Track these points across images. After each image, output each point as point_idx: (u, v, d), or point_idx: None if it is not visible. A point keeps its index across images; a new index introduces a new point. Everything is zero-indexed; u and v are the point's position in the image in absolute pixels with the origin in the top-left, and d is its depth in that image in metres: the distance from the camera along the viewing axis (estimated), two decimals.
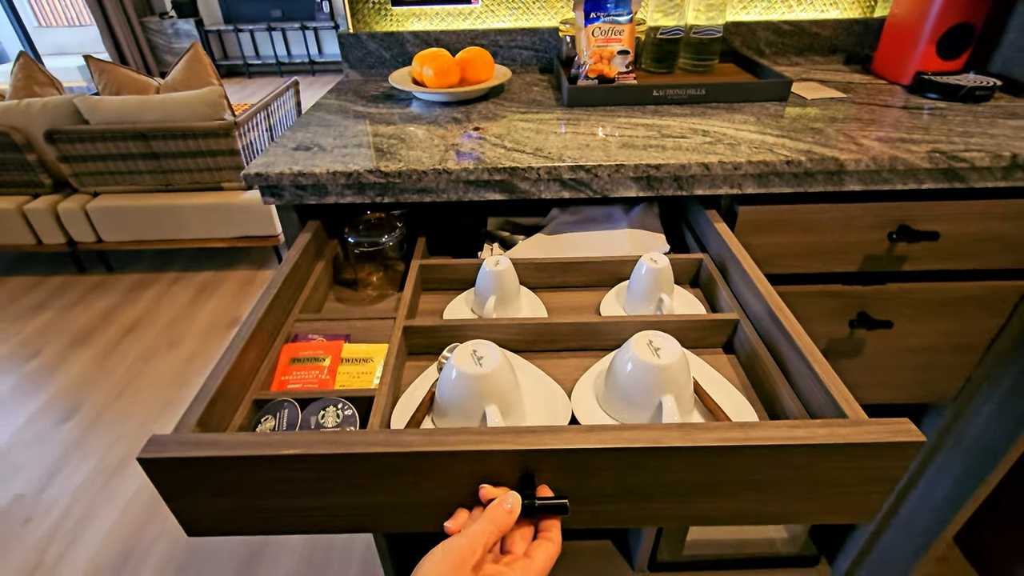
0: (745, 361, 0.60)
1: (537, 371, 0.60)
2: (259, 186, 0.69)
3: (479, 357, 0.52)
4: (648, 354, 0.51)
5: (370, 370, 0.58)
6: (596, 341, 0.62)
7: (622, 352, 0.54)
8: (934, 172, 0.69)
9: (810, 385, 0.50)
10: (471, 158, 0.69)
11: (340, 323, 0.65)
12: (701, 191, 0.70)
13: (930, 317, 0.82)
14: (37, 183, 2.48)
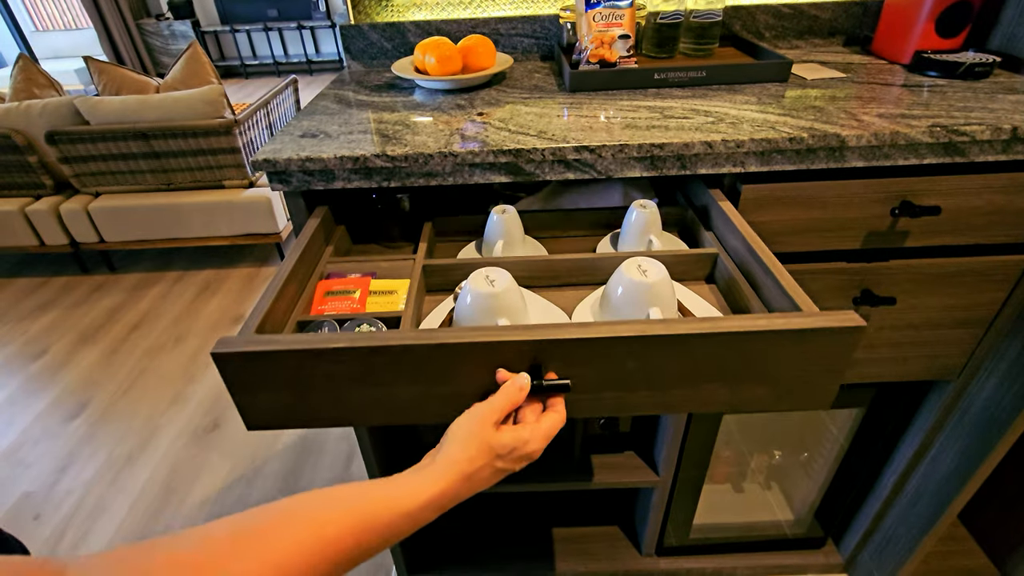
0: (724, 288, 0.69)
1: (541, 299, 0.69)
2: (267, 172, 0.70)
3: (491, 280, 0.60)
4: (637, 275, 0.60)
5: (395, 300, 0.68)
6: (593, 276, 0.71)
7: (615, 276, 0.62)
8: (935, 146, 0.69)
9: (775, 294, 0.58)
10: (476, 142, 0.70)
11: (366, 264, 0.74)
12: (704, 170, 0.71)
13: (933, 293, 0.83)
14: (39, 184, 2.49)
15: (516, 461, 0.47)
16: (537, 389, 0.49)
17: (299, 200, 0.74)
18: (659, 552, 1.33)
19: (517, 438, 0.47)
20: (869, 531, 1.24)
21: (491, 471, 0.46)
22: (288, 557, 0.36)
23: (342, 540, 0.38)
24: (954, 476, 1.02)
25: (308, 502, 0.40)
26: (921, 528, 1.11)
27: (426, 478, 0.45)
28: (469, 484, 0.46)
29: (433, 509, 0.44)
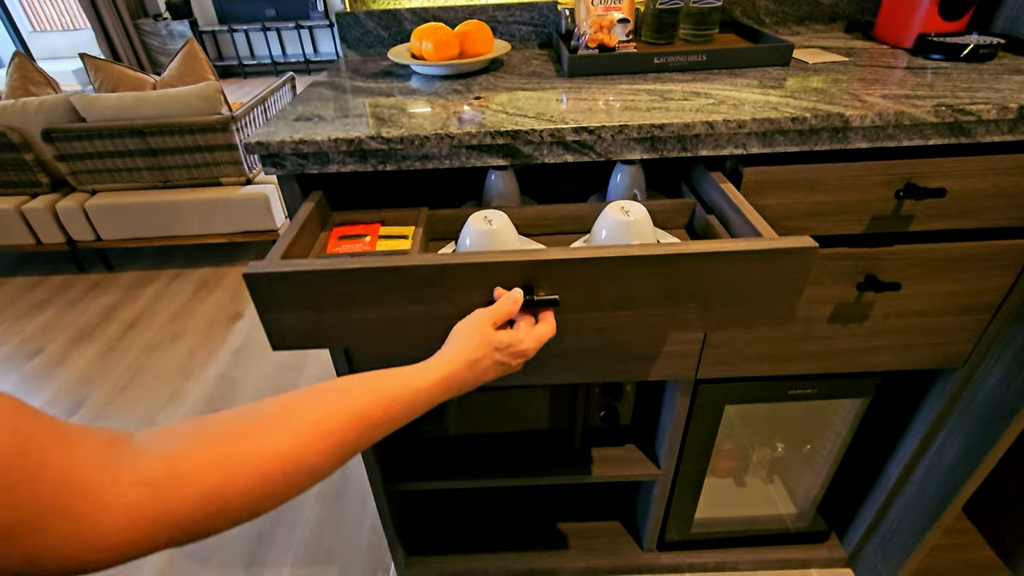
0: (701, 232, 0.75)
1: (535, 243, 0.77)
2: (260, 156, 0.69)
3: (489, 219, 0.68)
4: (620, 215, 0.68)
5: (404, 242, 0.72)
6: (583, 224, 0.79)
7: (600, 218, 0.71)
8: (940, 127, 0.68)
9: (741, 225, 0.65)
10: (473, 123, 0.69)
11: (373, 213, 0.78)
12: (706, 151, 0.70)
13: (938, 278, 0.82)
14: (35, 183, 2.48)
15: (513, 356, 0.54)
16: (529, 304, 0.56)
17: (294, 185, 0.72)
18: (660, 547, 1.32)
19: (513, 336, 0.54)
20: (873, 524, 1.22)
21: (491, 362, 0.53)
22: (327, 417, 0.42)
23: (370, 409, 0.45)
24: (959, 467, 1.00)
25: (340, 382, 0.46)
26: (926, 521, 1.09)
27: (437, 363, 0.52)
28: (473, 372, 0.52)
29: (444, 388, 0.51)
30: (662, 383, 1.09)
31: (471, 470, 1.15)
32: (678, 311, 0.59)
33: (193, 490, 0.33)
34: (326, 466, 0.41)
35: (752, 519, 1.32)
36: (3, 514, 0.25)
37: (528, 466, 1.16)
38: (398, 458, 1.18)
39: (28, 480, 0.26)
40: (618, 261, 0.54)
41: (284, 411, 0.41)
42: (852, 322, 0.87)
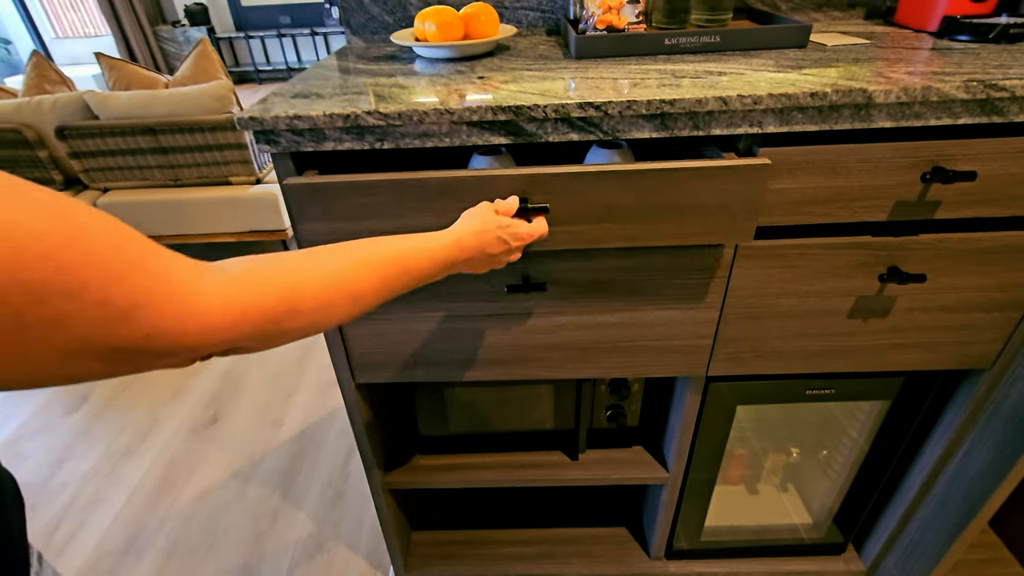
0: None
1: None
2: (253, 132, 0.66)
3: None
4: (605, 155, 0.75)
5: None
6: None
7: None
8: (970, 104, 0.64)
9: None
10: (475, 100, 0.66)
11: None
12: (719, 130, 0.66)
13: (966, 271, 0.77)
14: (49, 180, 2.49)
15: (513, 237, 0.62)
16: (524, 210, 0.65)
17: (288, 163, 0.70)
18: (669, 555, 1.27)
19: (511, 220, 0.63)
20: (893, 536, 1.16)
21: (494, 236, 0.60)
22: (366, 256, 0.50)
23: (399, 255, 0.52)
24: (986, 477, 0.94)
25: (361, 241, 0.52)
26: (950, 534, 1.03)
27: (448, 229, 0.59)
28: (479, 240, 0.59)
29: (456, 249, 0.58)
30: (671, 382, 1.04)
31: (472, 468, 1.12)
32: (653, 226, 0.68)
33: (271, 288, 0.40)
34: (368, 295, 0.49)
35: (765, 528, 1.27)
36: (121, 296, 0.30)
37: (531, 466, 1.12)
38: (396, 454, 1.15)
39: (136, 269, 0.31)
40: (597, 175, 0.64)
41: (334, 249, 0.49)
42: (873, 317, 0.82)
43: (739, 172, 0.63)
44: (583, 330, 0.84)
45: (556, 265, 0.77)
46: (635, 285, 0.79)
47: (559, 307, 0.82)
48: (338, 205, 0.67)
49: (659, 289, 0.80)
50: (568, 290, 0.80)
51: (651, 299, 0.81)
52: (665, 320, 0.83)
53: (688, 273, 0.78)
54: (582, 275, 0.78)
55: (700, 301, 0.81)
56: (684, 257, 0.77)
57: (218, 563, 1.36)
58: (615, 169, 0.63)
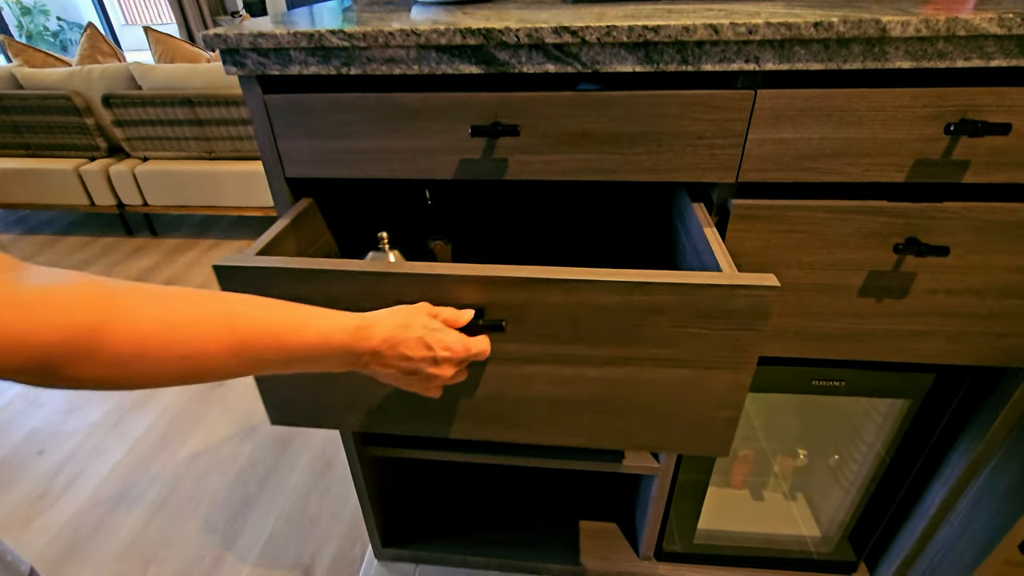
0: None
1: None
2: (220, 51, 0.64)
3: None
4: None
5: None
6: None
7: None
8: (1006, 42, 0.55)
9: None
10: (446, 22, 0.62)
11: None
12: (710, 65, 0.60)
13: (999, 248, 0.68)
14: (94, 147, 2.61)
15: (440, 344, 0.51)
16: (475, 329, 0.55)
17: (255, 88, 0.67)
18: (658, 556, 1.19)
19: (444, 327, 0.53)
20: (910, 558, 1.05)
21: (416, 337, 0.50)
22: (224, 312, 0.41)
23: (260, 329, 0.42)
24: (1017, 494, 0.83)
25: (244, 297, 0.43)
26: (974, 557, 0.92)
27: (359, 314, 0.49)
28: (395, 337, 0.49)
29: (358, 337, 0.47)
30: None
31: (453, 444, 1.07)
32: (629, 155, 0.65)
33: (66, 320, 0.33)
34: (211, 359, 0.39)
35: (767, 537, 1.17)
36: None
37: (515, 447, 1.07)
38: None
39: None
40: (571, 100, 0.59)
41: (199, 296, 0.40)
42: (888, 298, 0.74)
43: (716, 99, 0.59)
44: (561, 385, 0.61)
45: (521, 294, 0.54)
46: (630, 330, 0.56)
47: (526, 352, 0.58)
48: (317, 122, 0.67)
49: (667, 337, 0.56)
50: (537, 330, 0.57)
51: (653, 350, 0.57)
52: (673, 379, 0.58)
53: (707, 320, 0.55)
54: (556, 311, 0.55)
55: (727, 356, 0.57)
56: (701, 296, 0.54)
57: (201, 522, 1.36)
58: (589, 95, 0.60)
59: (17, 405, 1.75)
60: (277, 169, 0.72)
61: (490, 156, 0.67)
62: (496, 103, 0.64)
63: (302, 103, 0.67)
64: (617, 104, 0.62)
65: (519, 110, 0.64)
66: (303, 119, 0.68)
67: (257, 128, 0.69)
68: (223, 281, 0.57)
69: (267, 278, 0.56)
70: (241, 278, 0.56)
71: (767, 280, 0.52)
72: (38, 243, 2.79)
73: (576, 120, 0.64)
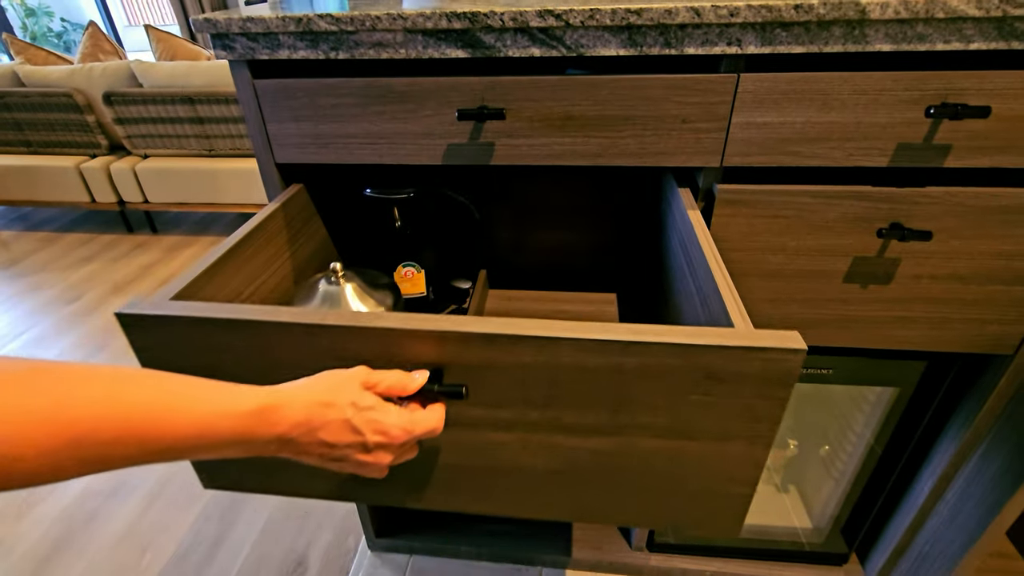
0: None
1: None
2: (209, 36, 0.65)
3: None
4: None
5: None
6: None
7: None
8: (984, 25, 0.56)
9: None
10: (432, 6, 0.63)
11: None
12: (693, 48, 0.61)
13: (982, 233, 0.68)
14: (95, 144, 2.62)
15: (370, 426, 0.41)
16: (429, 394, 0.46)
17: (244, 72, 0.68)
18: (651, 547, 1.19)
19: (381, 404, 0.42)
20: (900, 547, 1.05)
21: (341, 420, 0.40)
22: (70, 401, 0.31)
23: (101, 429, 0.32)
24: (1004, 481, 0.84)
25: (128, 371, 0.35)
26: (962, 545, 0.92)
27: (266, 389, 0.39)
28: (312, 418, 0.39)
29: (257, 420, 0.37)
30: None
31: None
32: (614, 138, 0.65)
33: None
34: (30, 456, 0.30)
35: (759, 529, 1.17)
36: None
37: None
38: None
39: None
40: (556, 83, 0.59)
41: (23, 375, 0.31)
42: (874, 283, 0.74)
43: (699, 82, 0.59)
44: (537, 455, 0.51)
45: (487, 353, 0.45)
46: (621, 396, 0.46)
47: (494, 419, 0.49)
48: (306, 107, 0.68)
49: (666, 405, 0.47)
50: (507, 394, 0.47)
51: (649, 418, 0.48)
52: (674, 451, 0.49)
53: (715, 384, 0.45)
54: (530, 372, 0.45)
55: (741, 427, 0.47)
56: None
57: (196, 513, 1.36)
58: (573, 78, 0.62)
59: None
60: (266, 153, 0.73)
61: (477, 140, 0.68)
62: (483, 87, 0.64)
63: (290, 87, 0.68)
64: (601, 87, 0.63)
65: (505, 94, 0.65)
66: (291, 103, 0.69)
67: (246, 112, 0.70)
68: (128, 332, 0.48)
69: (179, 330, 0.47)
70: (149, 329, 0.47)
71: (791, 341, 0.42)
72: (39, 240, 2.80)
73: (561, 104, 0.65)
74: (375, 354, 0.45)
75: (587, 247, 1.11)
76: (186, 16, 6.06)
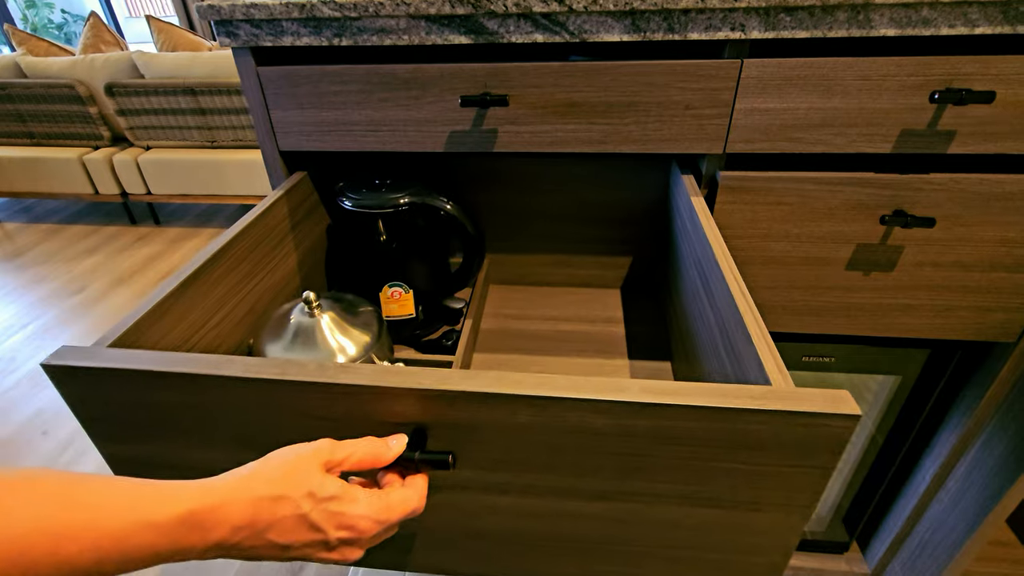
0: None
1: None
2: (213, 23, 0.65)
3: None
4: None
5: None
6: None
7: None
8: (990, 9, 0.56)
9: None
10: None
11: None
12: (696, 34, 0.60)
13: (986, 220, 0.68)
14: (97, 136, 2.63)
15: (332, 521, 0.34)
16: (410, 462, 0.38)
17: (248, 59, 0.68)
18: None
19: (346, 491, 0.35)
20: (902, 536, 1.06)
21: (293, 515, 0.33)
22: None
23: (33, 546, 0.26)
24: (1005, 468, 0.84)
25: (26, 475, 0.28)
26: (962, 533, 0.93)
27: (198, 487, 0.31)
28: (259, 517, 0.32)
29: (185, 530, 0.30)
30: None
31: None
32: (617, 125, 0.66)
33: None
34: None
35: None
36: None
37: None
38: None
39: None
40: (559, 69, 0.60)
41: None
42: (876, 271, 0.74)
43: (702, 68, 0.59)
44: (535, 520, 0.46)
45: (475, 412, 0.38)
46: (633, 462, 0.40)
47: (486, 481, 0.43)
48: (309, 94, 0.68)
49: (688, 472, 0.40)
50: (501, 457, 0.41)
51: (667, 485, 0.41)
52: (694, 521, 0.43)
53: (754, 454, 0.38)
54: (527, 435, 0.39)
55: (776, 496, 0.40)
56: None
57: None
58: (576, 65, 0.61)
59: (23, 387, 1.77)
60: (270, 141, 0.73)
61: (479, 127, 0.68)
62: (486, 74, 0.64)
63: (294, 74, 0.68)
64: (604, 74, 0.63)
65: (508, 80, 0.65)
66: (295, 90, 0.69)
67: (250, 100, 0.70)
68: (58, 387, 0.43)
69: (113, 383, 0.41)
70: (81, 382, 0.42)
71: (842, 404, 0.34)
72: (43, 231, 2.81)
73: (564, 90, 0.65)
74: (344, 413, 0.39)
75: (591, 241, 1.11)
76: (186, 7, 6.04)
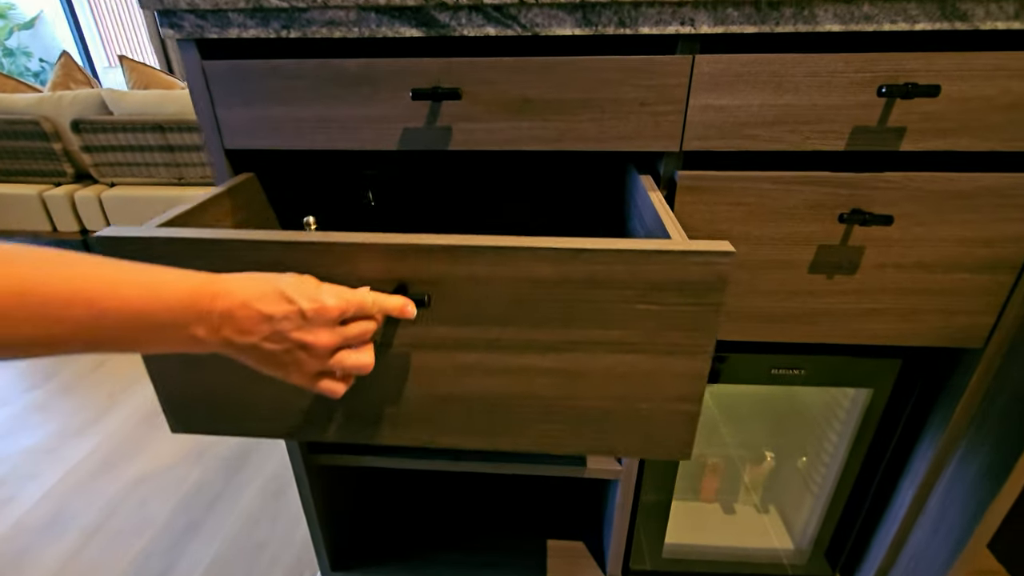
0: None
1: None
2: (156, 13, 0.63)
3: None
4: None
5: None
6: None
7: None
8: (928, 5, 0.57)
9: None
10: None
11: None
12: (647, 28, 0.61)
13: (942, 219, 0.68)
14: (60, 172, 2.56)
15: (305, 296, 0.42)
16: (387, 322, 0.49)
17: (193, 53, 0.66)
18: (626, 573, 1.12)
19: (317, 281, 0.44)
20: (884, 567, 1.00)
21: (275, 292, 0.41)
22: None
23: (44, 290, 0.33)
24: (984, 482, 0.81)
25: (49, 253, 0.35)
26: (947, 558, 0.88)
27: (208, 273, 0.41)
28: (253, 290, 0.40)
29: (205, 296, 0.39)
30: None
31: (404, 451, 1.01)
32: (572, 123, 0.65)
33: None
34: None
35: (740, 552, 1.11)
36: None
37: (470, 453, 1.02)
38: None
39: None
40: (512, 65, 0.59)
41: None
42: (839, 274, 0.73)
43: (655, 64, 0.60)
44: (500, 377, 0.53)
45: (441, 267, 0.48)
46: (572, 307, 0.49)
47: (458, 337, 0.51)
48: (257, 89, 0.66)
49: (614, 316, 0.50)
50: (468, 311, 0.50)
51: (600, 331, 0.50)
52: (624, 368, 0.52)
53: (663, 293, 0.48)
54: (487, 286, 0.49)
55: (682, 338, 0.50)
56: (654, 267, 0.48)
57: (138, 550, 1.25)
58: (529, 60, 0.62)
59: None
60: (215, 139, 0.70)
61: (433, 124, 0.67)
62: (438, 69, 0.63)
63: (241, 69, 0.66)
64: (557, 69, 0.62)
65: (461, 75, 0.64)
66: (242, 86, 0.67)
67: (194, 96, 0.68)
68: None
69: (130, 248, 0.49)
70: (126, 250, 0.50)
71: (721, 246, 0.47)
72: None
73: (518, 86, 0.64)
74: (333, 272, 0.48)
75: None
76: (166, 52, 6.14)
